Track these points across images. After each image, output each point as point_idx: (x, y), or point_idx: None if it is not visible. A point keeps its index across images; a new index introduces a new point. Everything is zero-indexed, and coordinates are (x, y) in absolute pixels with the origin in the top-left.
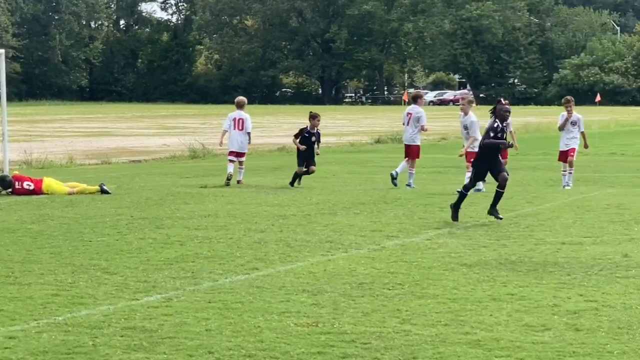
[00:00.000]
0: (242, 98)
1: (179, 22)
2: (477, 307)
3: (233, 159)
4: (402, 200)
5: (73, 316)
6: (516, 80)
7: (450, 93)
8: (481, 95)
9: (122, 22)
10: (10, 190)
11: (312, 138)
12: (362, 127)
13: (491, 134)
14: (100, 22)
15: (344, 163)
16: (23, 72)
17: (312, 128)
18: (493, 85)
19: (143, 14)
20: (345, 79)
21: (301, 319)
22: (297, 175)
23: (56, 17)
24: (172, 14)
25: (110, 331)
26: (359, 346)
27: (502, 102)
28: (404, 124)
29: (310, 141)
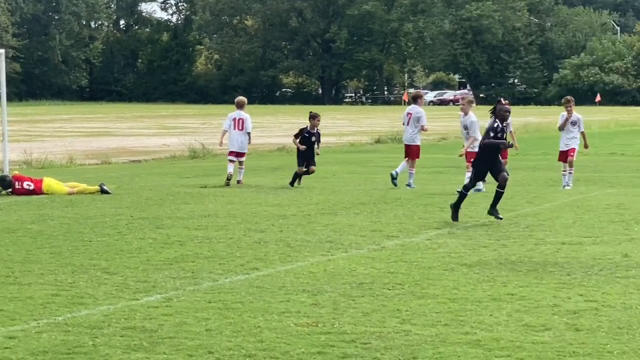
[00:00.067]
0: (242, 98)
1: (179, 22)
2: (477, 307)
3: (233, 159)
4: (402, 200)
5: (73, 316)
6: (516, 80)
7: (450, 93)
8: (481, 95)
9: (122, 22)
10: (10, 190)
11: (312, 138)
12: (362, 127)
13: (491, 134)
14: (100, 22)
15: (344, 163)
16: (23, 72)
17: (312, 128)
18: (493, 85)
19: (143, 14)
20: (345, 79)
21: (301, 319)
22: (297, 175)
23: (56, 17)
24: (172, 14)
25: (110, 331)
26: (359, 346)
27: (502, 102)
28: (404, 124)
29: (310, 141)
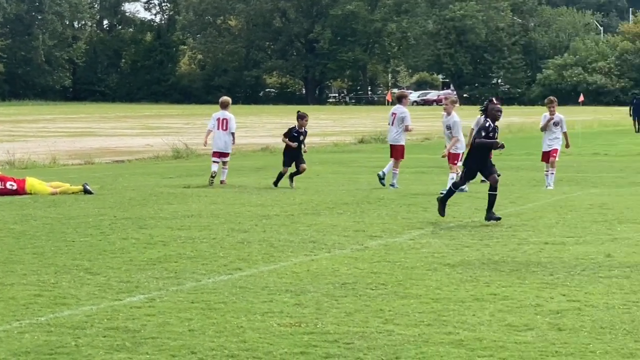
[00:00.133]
0: (227, 98)
1: (163, 22)
2: (460, 307)
3: (217, 160)
4: (386, 200)
5: (55, 316)
6: (500, 80)
7: (433, 93)
8: (465, 95)
9: (106, 22)
10: None
11: (301, 137)
12: (346, 127)
13: (483, 134)
14: (83, 22)
15: (328, 163)
16: (6, 72)
17: (300, 127)
18: (477, 85)
19: (126, 14)
20: (328, 79)
21: (284, 319)
22: (282, 175)
23: (39, 17)
24: (156, 14)
25: (92, 331)
26: (342, 346)
27: (494, 102)
28: (389, 124)
29: (298, 140)
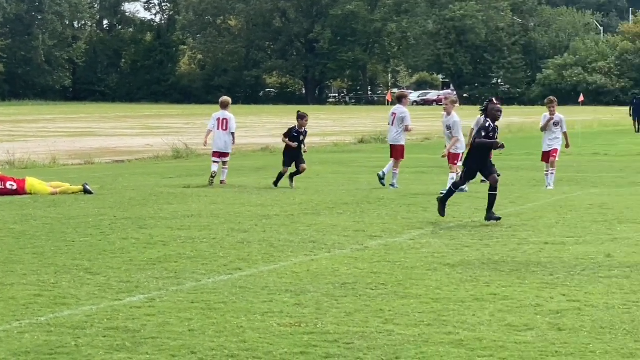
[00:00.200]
0: (227, 98)
1: (163, 22)
2: (460, 307)
3: (217, 160)
4: (386, 200)
5: (55, 316)
6: (499, 80)
7: (433, 93)
8: (465, 95)
9: (106, 22)
10: None
11: (301, 137)
12: (346, 127)
13: (483, 134)
14: (83, 22)
15: (328, 163)
16: (6, 72)
17: (300, 127)
18: (476, 85)
19: (126, 14)
20: (328, 79)
21: (284, 319)
22: (282, 175)
23: (39, 17)
24: (156, 14)
25: (92, 331)
26: (342, 346)
27: (494, 102)
28: (389, 124)
29: (298, 140)
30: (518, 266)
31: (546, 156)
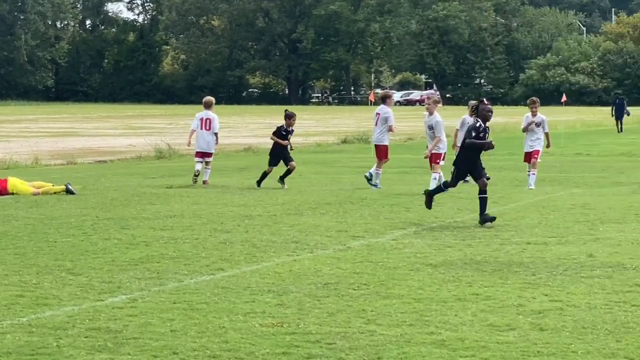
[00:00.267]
0: (210, 98)
1: (146, 22)
2: (442, 307)
3: (200, 160)
4: (368, 200)
5: (37, 317)
6: (482, 80)
7: (416, 93)
8: (447, 95)
9: (88, 22)
10: None
11: (288, 136)
12: (329, 127)
13: (473, 134)
14: (66, 22)
15: (311, 163)
16: None
17: (288, 127)
18: (459, 85)
19: (109, 14)
20: (312, 79)
21: (266, 320)
22: (266, 174)
23: (22, 17)
24: (139, 14)
25: (74, 332)
26: (324, 346)
27: (485, 102)
28: (374, 125)
29: (286, 139)
30: (500, 266)
31: (528, 157)
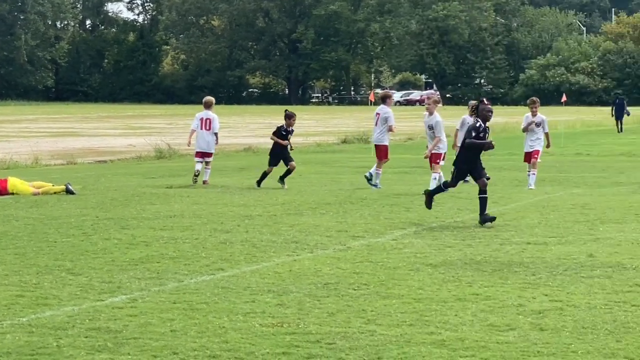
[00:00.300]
0: (210, 98)
1: (146, 22)
2: (442, 307)
3: (200, 160)
4: (368, 200)
5: (37, 317)
6: (482, 80)
7: (416, 93)
8: (447, 95)
9: (88, 22)
10: None
11: (288, 136)
12: (329, 127)
13: (473, 134)
14: (66, 22)
15: (311, 163)
16: None
17: (288, 127)
18: (459, 85)
19: (109, 14)
20: (312, 79)
21: (266, 320)
22: (266, 174)
23: (22, 17)
24: (139, 14)
25: (74, 332)
26: (324, 346)
27: (485, 102)
28: (374, 125)
29: (286, 139)
30: (500, 266)
31: (528, 157)
